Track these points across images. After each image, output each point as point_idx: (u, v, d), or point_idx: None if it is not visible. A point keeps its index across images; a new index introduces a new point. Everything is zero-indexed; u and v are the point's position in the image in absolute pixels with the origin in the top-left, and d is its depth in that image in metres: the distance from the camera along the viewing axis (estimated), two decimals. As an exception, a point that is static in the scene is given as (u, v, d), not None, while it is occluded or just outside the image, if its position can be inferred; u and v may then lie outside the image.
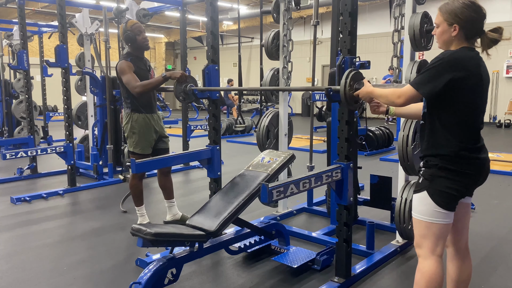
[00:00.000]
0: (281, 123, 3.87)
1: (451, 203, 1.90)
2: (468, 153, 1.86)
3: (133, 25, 3.60)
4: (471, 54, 1.86)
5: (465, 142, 1.86)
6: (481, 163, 1.90)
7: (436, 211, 1.90)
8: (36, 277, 2.91)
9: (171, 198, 3.88)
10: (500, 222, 3.94)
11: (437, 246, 1.94)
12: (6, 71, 8.54)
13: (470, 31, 1.87)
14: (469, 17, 1.85)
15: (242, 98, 15.99)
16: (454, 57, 1.82)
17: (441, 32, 1.92)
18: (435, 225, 1.91)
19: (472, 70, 1.82)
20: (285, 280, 2.81)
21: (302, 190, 2.31)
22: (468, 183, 1.90)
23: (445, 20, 1.89)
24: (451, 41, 1.91)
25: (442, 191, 1.88)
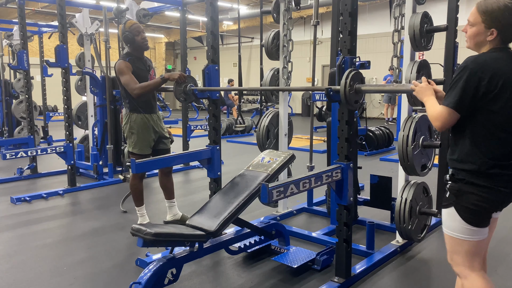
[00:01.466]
0: (281, 123, 3.87)
1: (481, 220, 1.76)
2: (499, 170, 1.69)
3: (131, 25, 3.59)
4: (499, 55, 1.71)
5: (496, 157, 1.69)
6: None
7: (466, 228, 1.76)
8: (36, 277, 2.91)
9: (172, 198, 3.88)
10: (500, 222, 3.90)
11: (473, 261, 1.81)
12: (6, 71, 8.54)
13: (508, 36, 1.73)
14: (511, 23, 1.69)
15: (242, 98, 16.00)
16: (477, 62, 1.68)
17: (476, 33, 1.75)
18: (467, 242, 1.78)
19: (499, 73, 1.66)
20: (285, 280, 2.81)
21: (302, 190, 2.31)
22: (499, 200, 1.74)
23: (483, 22, 1.72)
24: (484, 44, 1.76)
25: (470, 208, 1.74)
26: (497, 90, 1.65)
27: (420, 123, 2.94)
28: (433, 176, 3.73)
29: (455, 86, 1.70)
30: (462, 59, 1.80)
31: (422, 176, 3.07)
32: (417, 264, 3.05)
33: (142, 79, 3.57)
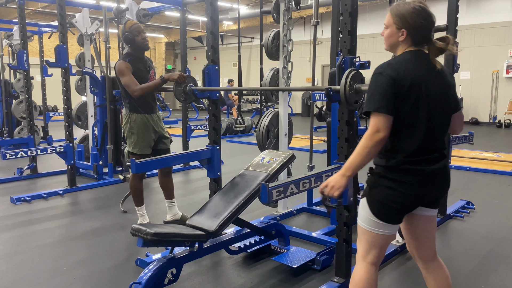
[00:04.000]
0: (281, 123, 3.87)
1: (389, 215, 1.81)
2: (409, 166, 1.75)
3: (131, 26, 3.59)
4: (408, 57, 1.78)
5: (407, 154, 1.75)
6: (426, 174, 1.76)
7: (372, 220, 1.84)
8: (36, 277, 2.91)
9: (172, 198, 3.88)
10: (500, 222, 3.94)
11: (368, 253, 1.88)
12: (6, 71, 8.54)
13: (417, 37, 1.80)
14: (418, 24, 1.77)
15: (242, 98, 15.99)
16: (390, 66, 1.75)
17: (390, 35, 1.85)
18: (369, 233, 1.86)
19: (408, 75, 1.72)
20: (285, 280, 2.81)
21: (302, 190, 2.31)
22: (411, 195, 1.77)
23: (394, 23, 1.81)
24: (397, 45, 1.84)
25: (378, 201, 1.81)
26: (406, 91, 1.72)
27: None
28: (433, 176, 3.73)
29: (375, 93, 1.73)
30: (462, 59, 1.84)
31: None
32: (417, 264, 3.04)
33: (142, 80, 3.57)
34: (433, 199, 1.89)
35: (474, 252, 3.25)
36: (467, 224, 3.87)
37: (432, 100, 1.76)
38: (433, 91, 1.77)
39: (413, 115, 1.74)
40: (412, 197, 1.79)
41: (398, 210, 1.81)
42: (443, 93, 1.81)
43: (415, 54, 1.81)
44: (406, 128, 1.76)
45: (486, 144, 8.66)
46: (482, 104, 12.74)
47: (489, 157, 7.04)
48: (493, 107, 12.57)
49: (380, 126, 1.70)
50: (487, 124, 12.59)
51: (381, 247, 1.89)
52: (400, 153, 1.77)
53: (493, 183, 5.46)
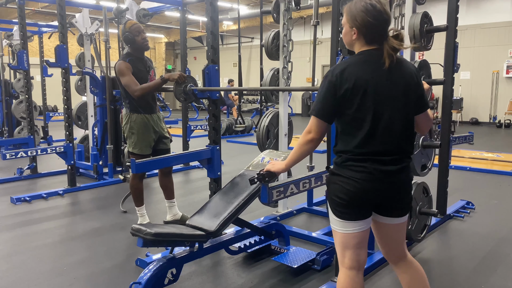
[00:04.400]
0: (281, 123, 3.87)
1: (341, 211, 1.80)
2: (353, 162, 1.76)
3: (131, 26, 3.58)
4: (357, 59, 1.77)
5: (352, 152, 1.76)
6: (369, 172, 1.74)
7: (334, 219, 1.84)
8: (36, 277, 2.91)
9: (172, 198, 3.88)
10: (500, 222, 3.94)
11: (344, 257, 1.85)
12: (6, 71, 8.54)
13: (369, 36, 1.76)
14: (367, 23, 1.73)
15: (242, 98, 15.99)
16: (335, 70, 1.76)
17: (344, 34, 1.84)
18: (338, 234, 1.85)
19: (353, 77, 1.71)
20: (285, 280, 2.81)
21: (302, 190, 2.32)
22: (354, 192, 1.75)
23: (347, 22, 1.80)
24: (352, 44, 1.83)
25: (331, 197, 1.83)
26: (349, 94, 1.72)
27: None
28: (433, 176, 3.74)
29: (318, 95, 1.80)
30: (462, 59, 1.82)
31: (422, 176, 3.07)
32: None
33: (142, 80, 3.57)
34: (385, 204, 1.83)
35: (474, 252, 3.25)
36: (467, 224, 3.87)
37: (381, 102, 1.73)
38: (383, 92, 1.73)
39: (358, 116, 1.74)
40: (355, 193, 1.75)
41: (346, 206, 1.78)
42: (397, 94, 1.75)
43: (366, 55, 1.77)
44: (352, 129, 1.77)
45: (486, 144, 8.66)
46: (482, 104, 12.75)
47: (489, 157, 7.04)
48: (493, 107, 12.57)
49: (311, 128, 1.81)
50: (487, 124, 12.60)
51: (354, 248, 1.83)
52: (346, 152, 1.79)
53: (493, 183, 5.46)
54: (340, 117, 1.79)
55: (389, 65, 1.73)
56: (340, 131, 1.82)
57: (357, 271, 1.85)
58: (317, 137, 1.82)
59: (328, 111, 1.78)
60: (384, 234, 1.93)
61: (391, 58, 1.73)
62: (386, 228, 1.90)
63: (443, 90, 3.87)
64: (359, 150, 1.76)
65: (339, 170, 1.80)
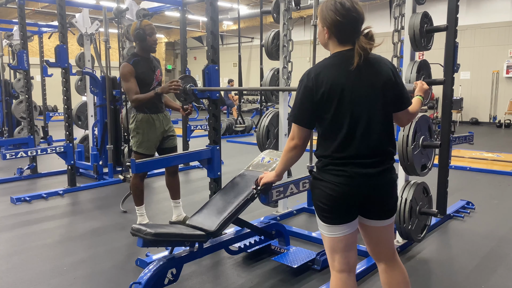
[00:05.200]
0: (281, 123, 3.87)
1: (324, 215, 1.78)
2: (333, 166, 1.74)
3: (146, 25, 3.58)
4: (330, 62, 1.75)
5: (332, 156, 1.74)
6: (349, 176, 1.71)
7: (320, 223, 1.84)
8: (36, 277, 2.91)
9: (177, 198, 3.89)
10: (500, 222, 3.94)
11: (333, 260, 1.85)
12: (6, 71, 8.54)
13: (340, 35, 1.73)
14: (335, 21, 1.70)
15: (242, 98, 15.99)
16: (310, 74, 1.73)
17: (318, 34, 1.81)
18: (325, 238, 1.84)
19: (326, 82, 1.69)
20: (285, 280, 2.81)
21: (302, 190, 2.32)
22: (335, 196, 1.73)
23: (319, 22, 1.77)
24: (326, 43, 1.80)
25: (314, 202, 1.82)
26: (325, 98, 1.70)
27: (420, 123, 2.94)
28: (433, 176, 3.74)
29: (295, 101, 1.78)
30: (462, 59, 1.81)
31: (422, 176, 3.07)
32: (417, 264, 3.05)
33: (145, 82, 3.59)
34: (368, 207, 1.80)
35: (474, 252, 3.25)
36: (467, 224, 3.87)
37: (357, 103, 1.70)
38: (359, 94, 1.70)
39: (336, 119, 1.71)
40: (336, 198, 1.73)
41: (329, 210, 1.77)
42: (374, 94, 1.72)
43: (340, 56, 1.74)
44: (331, 132, 1.74)
45: (486, 144, 8.66)
46: (482, 104, 12.75)
47: (489, 157, 7.04)
48: (493, 107, 12.57)
49: (294, 135, 1.81)
50: (487, 124, 12.60)
51: (342, 251, 1.81)
52: (326, 157, 1.76)
53: (493, 183, 5.46)
54: (318, 122, 1.77)
55: (361, 65, 1.69)
56: (319, 135, 1.80)
57: (348, 274, 1.84)
58: (300, 143, 1.80)
59: (307, 116, 1.76)
60: (370, 236, 1.90)
61: (359, 57, 1.68)
62: (372, 230, 1.87)
63: (443, 90, 3.87)
64: (338, 154, 1.73)
65: (320, 175, 1.78)
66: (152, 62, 3.73)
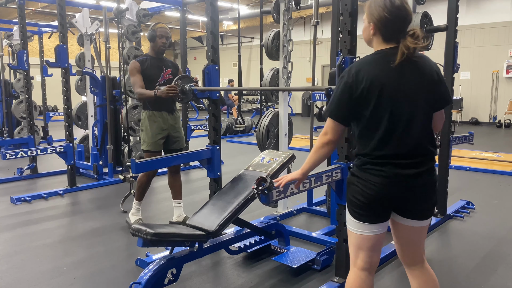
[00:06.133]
0: (281, 123, 3.87)
1: (359, 213, 1.78)
2: (371, 166, 1.73)
3: (159, 27, 3.71)
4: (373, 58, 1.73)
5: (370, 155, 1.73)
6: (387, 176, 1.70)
7: (351, 220, 1.84)
8: (36, 277, 2.91)
9: (178, 198, 3.91)
10: (500, 222, 3.94)
11: (356, 257, 1.84)
12: (6, 71, 8.54)
13: (386, 32, 1.72)
14: (383, 18, 1.69)
15: (242, 98, 15.99)
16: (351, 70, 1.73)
17: (363, 29, 1.80)
18: (352, 234, 1.85)
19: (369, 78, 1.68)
20: (285, 280, 2.81)
21: (302, 190, 2.32)
22: (372, 195, 1.72)
23: (366, 17, 1.77)
24: (370, 40, 1.79)
25: (349, 199, 1.82)
26: (364, 94, 1.69)
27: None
28: (433, 176, 3.73)
29: (334, 96, 1.77)
30: (462, 59, 1.80)
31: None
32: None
33: (150, 78, 3.68)
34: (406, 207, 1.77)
35: (474, 252, 3.25)
36: (467, 224, 3.87)
37: (398, 101, 1.69)
38: (401, 92, 1.68)
39: (375, 117, 1.70)
40: (373, 197, 1.73)
41: (364, 208, 1.76)
42: (416, 93, 1.70)
43: (383, 54, 1.73)
44: (368, 130, 1.74)
45: (486, 144, 8.66)
46: (482, 104, 12.75)
47: (489, 157, 7.04)
48: (493, 107, 12.57)
49: (328, 130, 1.80)
50: (487, 124, 12.59)
51: (367, 250, 1.82)
52: (364, 155, 1.76)
53: (493, 183, 5.45)
54: (356, 119, 1.76)
55: (404, 64, 1.68)
56: (357, 134, 1.79)
57: (368, 273, 1.84)
58: (333, 139, 1.79)
59: (344, 112, 1.75)
60: (401, 235, 1.86)
61: (402, 55, 1.67)
62: (404, 229, 1.83)
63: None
64: (377, 153, 1.72)
65: (358, 173, 1.78)
66: (163, 62, 3.81)
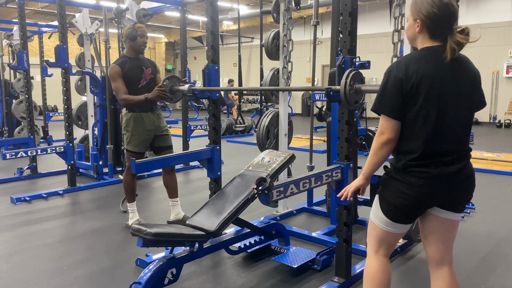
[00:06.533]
0: (281, 123, 3.87)
1: (395, 215, 1.81)
2: (414, 168, 1.73)
3: (139, 27, 3.73)
4: (422, 54, 1.73)
5: (414, 155, 1.73)
6: (432, 176, 1.71)
7: (381, 217, 1.87)
8: (36, 277, 2.91)
9: (175, 197, 3.91)
10: (500, 222, 3.94)
11: (380, 247, 1.91)
12: (6, 71, 8.54)
13: (433, 29, 1.72)
14: (432, 15, 1.69)
15: (242, 98, 15.99)
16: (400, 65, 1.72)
17: (407, 27, 1.81)
18: (379, 229, 1.89)
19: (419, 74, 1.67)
20: (285, 280, 2.81)
21: (302, 190, 2.31)
22: (415, 197, 1.74)
23: (412, 15, 1.77)
24: (415, 38, 1.79)
25: (386, 200, 1.84)
26: (413, 91, 1.69)
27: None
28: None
29: (384, 92, 1.74)
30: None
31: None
32: (417, 264, 3.05)
33: (132, 81, 3.70)
34: (447, 201, 1.79)
35: (474, 252, 3.25)
36: (467, 224, 3.87)
37: (444, 101, 1.69)
38: (448, 90, 1.69)
39: (422, 113, 1.69)
40: (416, 198, 1.75)
41: (403, 211, 1.80)
42: (461, 92, 1.72)
43: (430, 51, 1.73)
44: (414, 129, 1.72)
45: (486, 144, 8.66)
46: (482, 104, 12.74)
47: (489, 157, 7.04)
48: (493, 107, 12.57)
49: (384, 128, 1.75)
50: (487, 124, 12.60)
51: (388, 243, 1.91)
52: (407, 155, 1.75)
53: (493, 183, 5.45)
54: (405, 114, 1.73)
55: (452, 62, 1.69)
56: (403, 130, 1.75)
57: (387, 258, 1.94)
58: (392, 137, 1.75)
59: (397, 107, 1.72)
60: (435, 230, 1.85)
61: (453, 53, 1.68)
62: (439, 222, 1.83)
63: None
64: (422, 150, 1.71)
65: (399, 175, 1.77)
66: (142, 62, 3.80)
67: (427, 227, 1.88)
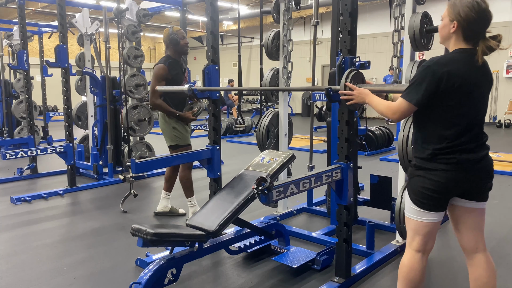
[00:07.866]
0: (281, 123, 3.87)
1: (424, 202, 1.92)
2: (442, 155, 1.87)
3: (178, 30, 3.87)
4: (459, 57, 1.85)
5: (441, 145, 1.86)
6: (458, 162, 1.85)
7: (412, 208, 1.97)
8: (36, 277, 2.91)
9: (169, 191, 4.07)
10: (500, 222, 3.94)
11: (413, 240, 2.00)
12: (6, 71, 8.54)
13: (468, 32, 1.84)
14: (470, 18, 1.81)
15: (242, 98, 16.00)
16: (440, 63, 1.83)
17: (442, 26, 1.92)
18: (411, 221, 1.99)
19: (457, 74, 1.81)
20: (285, 280, 2.81)
21: (302, 190, 2.31)
22: (442, 183, 1.86)
23: (448, 15, 1.88)
24: (449, 38, 1.91)
25: (414, 189, 1.95)
26: (452, 89, 1.82)
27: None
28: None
29: (418, 84, 1.86)
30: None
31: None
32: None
33: (177, 82, 3.84)
34: (470, 189, 1.92)
35: (474, 252, 3.24)
36: (467, 224, 3.87)
37: (475, 99, 1.86)
38: (479, 90, 1.86)
39: (455, 111, 1.84)
40: (443, 184, 1.86)
41: (432, 197, 1.89)
42: (485, 92, 1.91)
43: (465, 53, 1.85)
44: (446, 122, 1.86)
45: (486, 144, 8.64)
46: (482, 104, 12.74)
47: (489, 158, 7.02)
48: (493, 107, 12.57)
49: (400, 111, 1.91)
50: (487, 124, 12.58)
51: (424, 235, 1.96)
52: (437, 144, 1.87)
53: (493, 183, 5.44)
54: (436, 108, 1.86)
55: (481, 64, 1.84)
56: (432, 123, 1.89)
57: (422, 254, 2.00)
58: (400, 120, 2.00)
59: (426, 100, 1.85)
60: (465, 220, 1.99)
61: (484, 56, 1.83)
62: (467, 212, 1.97)
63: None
64: (453, 142, 1.85)
65: (427, 165, 1.89)
66: (182, 65, 3.99)
67: (456, 218, 2.02)
